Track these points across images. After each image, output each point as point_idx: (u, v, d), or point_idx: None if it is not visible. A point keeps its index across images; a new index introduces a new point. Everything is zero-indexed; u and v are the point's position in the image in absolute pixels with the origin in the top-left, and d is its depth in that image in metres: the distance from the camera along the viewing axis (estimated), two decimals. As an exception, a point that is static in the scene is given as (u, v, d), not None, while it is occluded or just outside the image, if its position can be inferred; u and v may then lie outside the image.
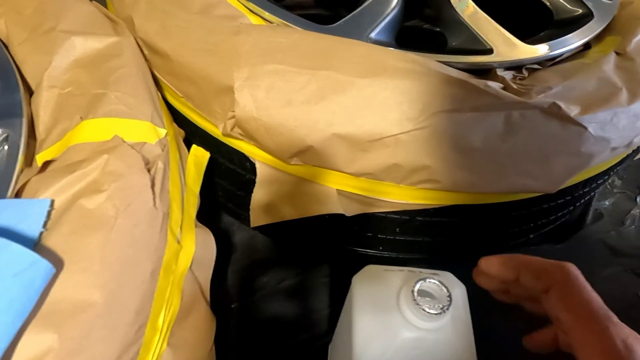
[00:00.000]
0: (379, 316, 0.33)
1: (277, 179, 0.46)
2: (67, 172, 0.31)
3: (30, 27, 0.42)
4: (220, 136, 0.46)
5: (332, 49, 0.42)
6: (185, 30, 0.45)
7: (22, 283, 0.25)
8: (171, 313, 0.34)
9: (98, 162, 0.32)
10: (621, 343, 0.27)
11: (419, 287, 0.31)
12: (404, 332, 0.31)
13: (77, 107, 0.37)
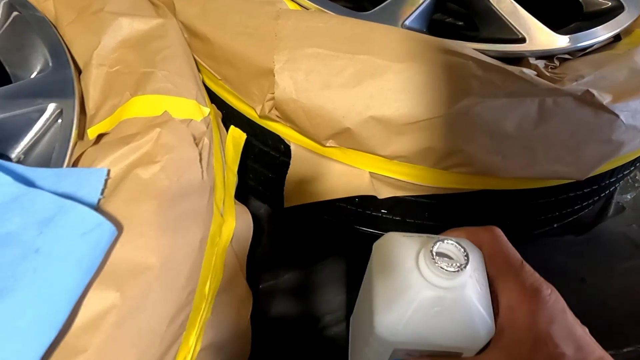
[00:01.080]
0: (398, 277, 0.33)
1: (311, 161, 0.47)
2: (121, 144, 0.33)
3: (79, 9, 0.43)
4: (256, 118, 0.48)
5: (370, 34, 0.43)
6: (225, 14, 0.46)
7: (89, 243, 0.26)
8: (215, 283, 0.36)
9: (151, 135, 0.33)
10: (530, 285, 0.33)
11: (437, 248, 0.32)
12: (423, 291, 0.32)
13: (126, 85, 0.38)
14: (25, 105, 0.36)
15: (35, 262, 0.25)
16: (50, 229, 0.26)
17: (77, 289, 0.25)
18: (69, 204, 0.27)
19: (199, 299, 0.33)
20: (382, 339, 0.34)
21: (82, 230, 0.27)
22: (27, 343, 0.24)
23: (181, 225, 0.31)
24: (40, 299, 0.25)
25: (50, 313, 0.24)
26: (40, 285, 0.25)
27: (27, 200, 0.28)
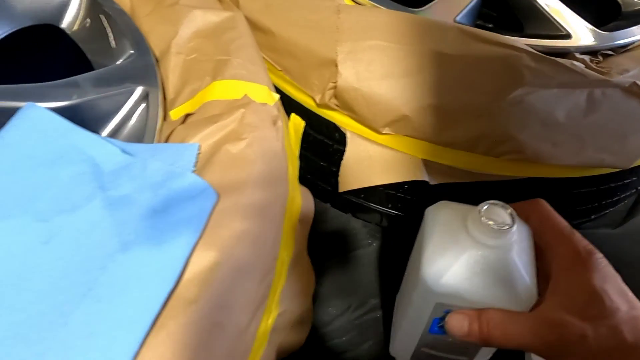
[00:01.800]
0: (447, 235, 0.35)
1: (366, 148, 0.50)
2: (209, 122, 0.36)
3: (154, 2, 0.46)
4: (313, 107, 0.50)
5: (427, 28, 0.46)
6: (288, 9, 0.49)
7: (197, 206, 0.29)
8: (288, 254, 0.38)
9: (236, 115, 0.36)
10: (583, 248, 0.34)
11: (485, 208, 0.34)
12: (469, 248, 0.34)
13: (204, 71, 0.41)
14: (115, 88, 0.39)
15: (153, 221, 0.28)
16: (164, 192, 0.29)
17: (188, 246, 0.28)
18: (177, 170, 0.30)
19: (279, 266, 0.35)
20: (426, 289, 0.35)
21: (191, 195, 0.29)
22: (150, 292, 0.26)
23: (267, 194, 0.34)
24: (159, 252, 0.27)
25: (168, 266, 0.27)
26: (158, 241, 0.28)
27: (136, 168, 0.31)
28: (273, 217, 0.34)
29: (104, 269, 0.27)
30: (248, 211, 0.32)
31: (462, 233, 0.35)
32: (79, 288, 0.26)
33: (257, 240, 0.32)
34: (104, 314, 0.25)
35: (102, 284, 0.26)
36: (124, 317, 0.25)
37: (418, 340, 0.41)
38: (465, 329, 0.34)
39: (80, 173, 0.31)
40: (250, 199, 0.33)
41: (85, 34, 0.46)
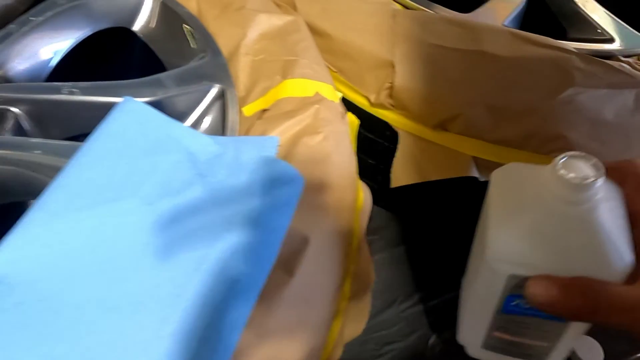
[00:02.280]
0: (517, 195, 0.30)
1: (418, 146, 0.52)
2: (286, 117, 0.38)
3: (221, 6, 0.49)
4: (366, 107, 0.53)
5: (480, 31, 0.48)
6: (345, 14, 0.52)
7: (289, 190, 0.32)
8: (356, 242, 0.41)
9: (311, 111, 0.39)
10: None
11: (564, 160, 0.28)
12: (545, 208, 0.28)
13: (273, 70, 0.44)
14: (194, 86, 0.41)
15: (252, 203, 0.31)
16: (259, 178, 0.32)
17: (283, 227, 0.31)
18: (269, 158, 0.33)
19: (351, 251, 0.38)
20: (496, 259, 0.30)
21: (284, 180, 0.32)
22: (255, 267, 0.29)
23: (343, 183, 0.37)
24: (259, 232, 0.30)
25: (267, 243, 0.30)
26: (257, 221, 0.30)
27: (228, 156, 0.34)
28: (347, 205, 0.36)
29: (211, 247, 0.29)
30: (330, 198, 0.35)
31: (536, 192, 0.29)
32: (189, 263, 0.29)
33: (337, 225, 0.34)
34: (216, 286, 0.28)
35: (211, 260, 0.29)
36: (233, 289, 0.28)
37: (489, 323, 0.35)
38: (553, 293, 0.27)
39: (179, 161, 0.33)
40: (328, 188, 0.35)
41: (156, 36, 0.49)
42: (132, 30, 0.50)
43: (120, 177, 0.32)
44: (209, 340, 0.26)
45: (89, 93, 0.39)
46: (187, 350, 0.26)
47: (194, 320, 0.26)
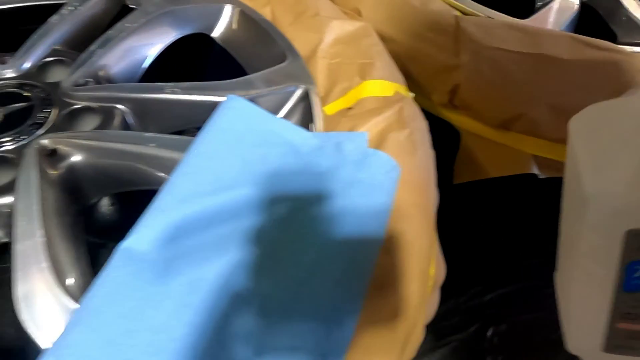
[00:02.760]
0: (614, 136, 0.26)
1: (480, 144, 0.55)
2: (372, 115, 0.41)
3: (295, 13, 0.53)
4: (429, 107, 0.56)
5: (542, 35, 0.51)
6: (409, 20, 0.55)
7: (391, 179, 0.35)
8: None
9: (395, 108, 0.41)
10: None
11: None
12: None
13: (350, 72, 0.47)
14: (281, 86, 0.44)
15: (357, 190, 0.34)
16: (365, 167, 0.34)
17: (387, 212, 0.33)
18: (370, 150, 0.36)
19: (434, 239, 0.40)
20: (605, 217, 0.24)
21: (386, 170, 0.35)
22: (367, 246, 0.31)
23: (427, 176, 0.39)
24: (367, 216, 0.33)
25: (375, 225, 0.32)
26: (364, 207, 0.33)
27: (329, 149, 0.36)
28: (432, 196, 0.39)
29: (329, 224, 0.32)
30: (418, 189, 0.37)
31: (634, 120, 0.25)
32: (317, 238, 0.32)
33: (426, 211, 0.37)
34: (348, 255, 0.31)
35: (326, 235, 0.32)
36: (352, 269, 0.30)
37: (609, 312, 0.27)
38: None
39: (284, 153, 0.36)
40: (418, 179, 0.38)
41: (235, 41, 0.52)
42: (210, 36, 0.53)
43: (234, 167, 0.35)
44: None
45: (189, 92, 0.42)
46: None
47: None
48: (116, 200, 0.49)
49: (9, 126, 0.39)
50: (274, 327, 0.29)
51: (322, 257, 0.31)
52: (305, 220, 0.33)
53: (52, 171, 0.37)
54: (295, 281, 0.30)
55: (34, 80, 0.44)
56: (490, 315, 0.60)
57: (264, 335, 0.29)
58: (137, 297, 0.29)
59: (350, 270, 0.30)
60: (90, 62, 0.44)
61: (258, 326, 0.29)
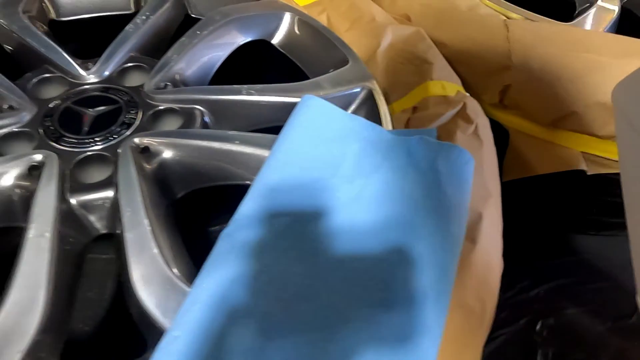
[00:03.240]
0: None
1: (529, 142, 0.57)
2: (438, 112, 0.44)
3: (351, 20, 0.56)
4: (477, 108, 0.58)
5: (587, 37, 0.54)
6: (459, 25, 0.57)
7: (469, 169, 0.37)
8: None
9: (460, 106, 0.44)
10: None
11: None
12: None
13: (410, 74, 0.50)
14: (347, 87, 0.47)
15: (436, 181, 0.36)
16: (442, 159, 0.37)
17: (467, 200, 0.36)
18: (445, 143, 0.38)
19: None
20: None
21: (463, 161, 0.37)
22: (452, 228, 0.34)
23: (493, 169, 0.42)
24: (449, 205, 0.35)
25: (460, 211, 0.35)
26: (445, 196, 0.35)
27: (405, 144, 0.39)
28: (498, 185, 0.41)
29: (416, 213, 0.34)
30: (490, 181, 0.39)
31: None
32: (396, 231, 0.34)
33: (495, 202, 0.39)
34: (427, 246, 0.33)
35: (414, 224, 0.34)
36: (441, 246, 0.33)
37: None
38: None
39: (363, 148, 0.39)
40: (486, 172, 0.40)
41: (295, 47, 0.55)
42: (271, 43, 0.56)
43: (319, 160, 0.38)
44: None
45: (263, 94, 0.45)
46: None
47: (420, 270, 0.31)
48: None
49: (100, 127, 0.42)
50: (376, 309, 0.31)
51: (410, 243, 0.33)
52: (389, 211, 0.35)
53: (147, 167, 0.39)
54: (390, 264, 0.32)
55: (115, 84, 0.47)
56: (537, 310, 0.61)
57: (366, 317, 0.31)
58: (241, 278, 0.31)
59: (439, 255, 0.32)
60: (168, 67, 0.47)
61: (358, 307, 0.31)
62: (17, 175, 0.38)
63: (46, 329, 0.30)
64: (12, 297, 0.30)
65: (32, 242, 0.33)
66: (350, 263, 0.32)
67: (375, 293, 0.31)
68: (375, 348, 0.29)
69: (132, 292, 0.32)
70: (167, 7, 0.55)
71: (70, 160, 0.39)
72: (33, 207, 0.35)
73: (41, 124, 0.42)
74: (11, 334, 0.29)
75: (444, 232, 0.33)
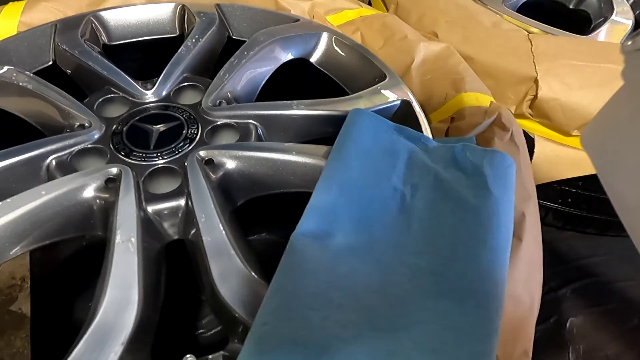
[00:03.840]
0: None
1: (554, 148, 0.60)
2: (475, 121, 0.47)
3: (384, 38, 0.59)
4: (503, 118, 0.62)
5: (606, 48, 0.57)
6: (485, 39, 0.61)
7: (511, 174, 0.40)
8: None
9: (495, 115, 0.47)
10: None
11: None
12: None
13: (444, 86, 0.53)
14: (386, 101, 0.51)
15: (487, 183, 0.39)
16: (489, 164, 0.40)
17: (511, 200, 0.39)
18: (489, 150, 0.41)
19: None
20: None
21: (506, 165, 0.40)
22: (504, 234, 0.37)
23: (530, 171, 0.45)
24: (496, 205, 0.38)
25: (507, 211, 0.38)
26: (492, 198, 0.38)
27: (450, 150, 0.42)
28: (534, 189, 0.45)
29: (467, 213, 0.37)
30: (528, 182, 0.43)
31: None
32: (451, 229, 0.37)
33: (534, 202, 0.42)
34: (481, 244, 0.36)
35: (467, 224, 0.37)
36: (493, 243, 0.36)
37: None
38: None
39: (412, 155, 0.42)
40: (524, 175, 0.43)
41: (333, 64, 0.59)
42: (309, 61, 0.60)
43: (373, 167, 0.41)
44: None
45: (311, 108, 0.48)
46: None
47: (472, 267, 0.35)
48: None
49: (165, 142, 0.46)
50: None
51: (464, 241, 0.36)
52: (442, 211, 0.38)
53: (213, 177, 0.43)
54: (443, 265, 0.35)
55: (172, 102, 0.51)
56: (566, 308, 0.64)
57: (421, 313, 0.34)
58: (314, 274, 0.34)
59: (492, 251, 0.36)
60: (222, 86, 0.51)
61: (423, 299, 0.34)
62: (96, 187, 0.41)
63: (141, 324, 0.33)
64: (108, 296, 0.34)
65: (120, 246, 0.36)
66: (410, 258, 0.35)
67: (437, 286, 0.34)
68: (441, 335, 0.32)
69: (213, 289, 0.35)
70: (213, 30, 0.58)
71: (142, 173, 0.43)
72: (117, 215, 0.38)
73: (111, 140, 0.46)
74: (112, 328, 0.32)
75: (494, 231, 0.37)
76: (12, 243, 0.39)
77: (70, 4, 0.63)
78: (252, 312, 0.33)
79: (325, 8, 0.65)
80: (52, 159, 0.44)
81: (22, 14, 0.60)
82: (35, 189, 0.40)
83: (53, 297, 0.58)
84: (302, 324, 0.31)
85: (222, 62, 0.54)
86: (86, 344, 0.32)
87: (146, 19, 0.63)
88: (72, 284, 0.57)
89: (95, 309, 0.33)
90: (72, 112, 0.47)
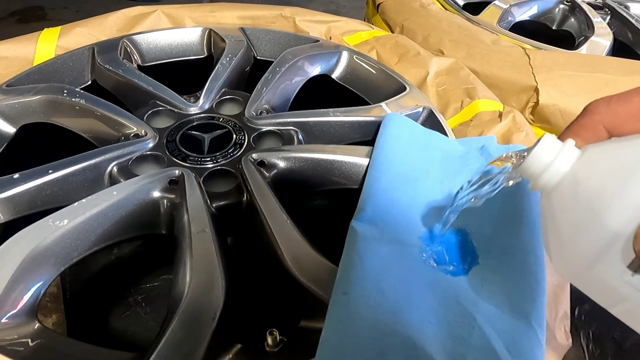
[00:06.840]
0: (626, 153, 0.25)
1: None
2: (492, 123, 0.53)
3: (399, 55, 0.66)
4: (507, 124, 0.68)
5: (595, 60, 0.65)
6: (488, 54, 0.68)
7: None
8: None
9: (510, 116, 0.53)
10: None
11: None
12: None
13: (458, 95, 0.59)
14: (410, 108, 0.56)
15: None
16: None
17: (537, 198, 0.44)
18: (510, 146, 0.47)
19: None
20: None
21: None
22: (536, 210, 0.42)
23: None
24: (527, 195, 0.43)
25: (535, 195, 0.43)
26: (523, 186, 0.44)
27: (476, 149, 0.48)
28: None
29: (500, 196, 0.43)
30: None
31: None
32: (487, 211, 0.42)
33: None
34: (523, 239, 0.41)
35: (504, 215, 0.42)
36: (529, 231, 0.41)
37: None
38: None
39: (444, 155, 0.47)
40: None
41: (355, 79, 0.65)
42: (331, 77, 0.65)
43: (412, 166, 0.46)
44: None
45: (346, 114, 0.54)
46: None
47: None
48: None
49: (216, 147, 0.50)
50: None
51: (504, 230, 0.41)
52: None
53: (267, 175, 0.47)
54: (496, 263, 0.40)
55: (215, 114, 0.55)
56: (572, 298, 0.69)
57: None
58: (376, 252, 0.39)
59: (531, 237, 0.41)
60: (260, 98, 0.55)
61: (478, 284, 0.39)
62: (161, 188, 0.45)
63: (226, 301, 0.37)
64: (194, 279, 0.37)
65: (197, 236, 0.40)
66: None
67: (487, 269, 0.39)
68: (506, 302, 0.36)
69: (287, 270, 0.39)
70: (242, 50, 0.64)
71: (200, 175, 0.47)
72: (189, 210, 0.42)
73: (167, 147, 0.49)
74: (202, 307, 0.36)
75: (527, 210, 0.42)
76: (89, 241, 0.42)
77: (103, 29, 0.67)
78: (323, 287, 0.37)
79: (340, 30, 0.71)
80: (114, 165, 0.47)
81: (58, 38, 0.64)
82: (107, 190, 0.43)
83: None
84: (376, 292, 0.35)
85: (250, 79, 0.59)
86: (180, 322, 0.35)
87: (176, 42, 0.67)
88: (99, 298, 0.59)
89: (183, 292, 0.37)
90: (127, 123, 0.51)
